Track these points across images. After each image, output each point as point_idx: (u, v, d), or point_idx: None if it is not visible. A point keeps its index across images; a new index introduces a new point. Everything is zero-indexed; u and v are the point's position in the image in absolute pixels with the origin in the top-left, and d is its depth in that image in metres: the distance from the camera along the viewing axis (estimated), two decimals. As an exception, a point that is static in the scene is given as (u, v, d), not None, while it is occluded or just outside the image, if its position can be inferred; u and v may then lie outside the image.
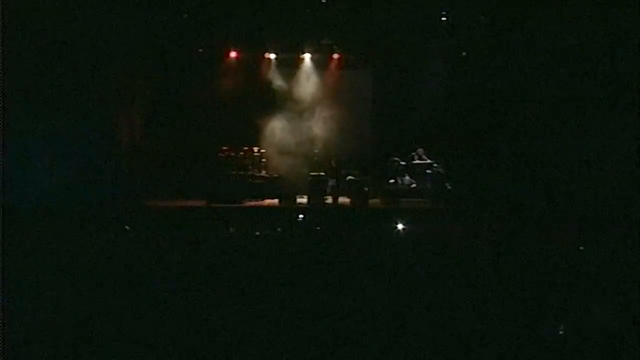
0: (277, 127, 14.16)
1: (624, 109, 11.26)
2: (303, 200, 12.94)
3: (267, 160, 14.03)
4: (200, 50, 14.37)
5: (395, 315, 5.33)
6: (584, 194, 11.21)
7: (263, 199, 13.14)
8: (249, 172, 13.69)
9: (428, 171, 13.39)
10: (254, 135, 14.07)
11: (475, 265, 6.96)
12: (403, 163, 13.62)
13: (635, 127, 11.06)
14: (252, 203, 12.90)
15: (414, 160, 13.67)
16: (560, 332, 4.73)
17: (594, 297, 5.70)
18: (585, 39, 11.63)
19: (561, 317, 5.24)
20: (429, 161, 13.51)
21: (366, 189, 12.81)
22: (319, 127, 14.44)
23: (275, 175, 13.79)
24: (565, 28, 11.80)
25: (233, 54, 14.62)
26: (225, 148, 13.82)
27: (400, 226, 9.67)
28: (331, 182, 13.25)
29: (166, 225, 10.02)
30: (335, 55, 14.81)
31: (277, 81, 14.74)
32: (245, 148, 13.89)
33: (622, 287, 5.95)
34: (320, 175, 13.20)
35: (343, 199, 13.16)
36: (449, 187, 12.92)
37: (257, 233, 9.36)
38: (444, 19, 13.26)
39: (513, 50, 12.81)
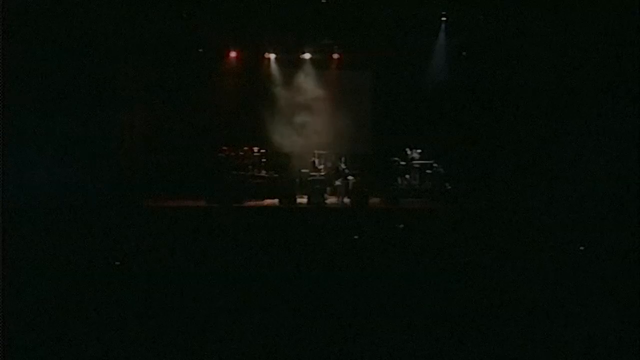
0: (277, 127, 14.15)
1: (624, 106, 11.26)
2: (303, 200, 12.93)
3: (267, 160, 14.02)
4: (200, 50, 14.37)
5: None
6: (584, 192, 11.21)
7: (263, 199, 13.13)
8: (249, 172, 13.68)
9: (428, 171, 13.39)
10: (254, 135, 14.07)
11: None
12: (403, 163, 13.61)
13: (635, 125, 11.06)
14: (252, 203, 12.88)
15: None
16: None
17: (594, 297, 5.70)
18: (585, 37, 11.63)
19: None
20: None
21: (366, 189, 12.80)
22: (318, 127, 14.43)
23: (275, 175, 13.78)
24: (564, 27, 11.82)
25: (233, 54, 14.63)
26: (225, 148, 13.82)
27: None
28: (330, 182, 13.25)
29: (166, 225, 10.01)
30: (335, 55, 14.83)
31: (277, 81, 14.74)
32: (245, 148, 13.88)
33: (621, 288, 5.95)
34: (320, 175, 13.19)
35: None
36: (449, 187, 12.92)
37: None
38: (444, 19, 13.29)
39: (512, 49, 12.82)
